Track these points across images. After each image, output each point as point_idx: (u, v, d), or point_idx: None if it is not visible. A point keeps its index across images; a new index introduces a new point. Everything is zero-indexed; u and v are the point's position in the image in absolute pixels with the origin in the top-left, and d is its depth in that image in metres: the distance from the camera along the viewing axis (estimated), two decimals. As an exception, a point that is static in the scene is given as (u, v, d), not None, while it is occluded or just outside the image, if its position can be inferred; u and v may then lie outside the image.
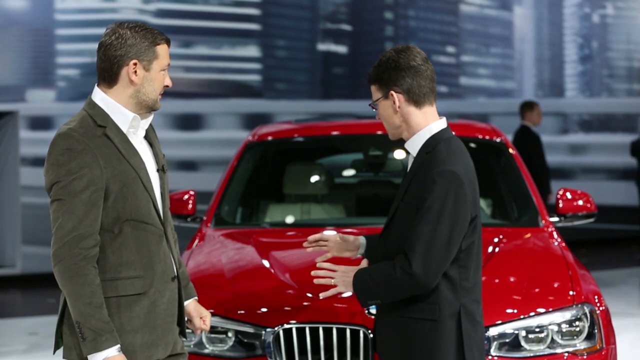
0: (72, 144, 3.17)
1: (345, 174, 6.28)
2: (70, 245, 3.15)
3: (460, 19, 14.33)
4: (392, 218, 3.34)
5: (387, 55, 3.33)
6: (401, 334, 3.29)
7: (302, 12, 13.69)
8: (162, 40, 3.27)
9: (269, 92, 13.30)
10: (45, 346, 7.96)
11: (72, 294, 3.16)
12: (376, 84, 3.33)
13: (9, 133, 11.18)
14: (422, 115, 3.32)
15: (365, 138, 5.80)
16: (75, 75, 11.97)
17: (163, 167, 3.35)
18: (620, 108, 14.97)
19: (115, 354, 3.15)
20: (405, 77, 3.30)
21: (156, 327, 3.27)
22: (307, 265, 4.53)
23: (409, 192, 3.28)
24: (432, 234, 3.18)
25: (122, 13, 12.18)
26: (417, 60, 3.31)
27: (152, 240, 3.27)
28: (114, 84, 3.26)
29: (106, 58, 3.24)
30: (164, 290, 3.29)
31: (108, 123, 3.23)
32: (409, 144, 3.34)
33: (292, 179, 5.61)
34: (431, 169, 3.23)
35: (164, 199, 3.34)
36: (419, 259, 3.17)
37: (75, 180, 3.15)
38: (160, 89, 3.28)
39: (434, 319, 3.25)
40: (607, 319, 4.19)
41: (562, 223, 5.16)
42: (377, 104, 3.35)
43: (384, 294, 3.26)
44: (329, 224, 5.18)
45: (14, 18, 11.61)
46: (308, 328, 3.87)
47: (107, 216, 3.20)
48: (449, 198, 3.20)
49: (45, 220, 7.41)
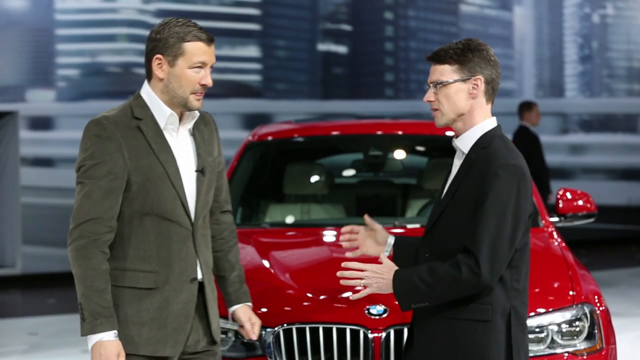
0: (100, 131, 3.21)
1: (345, 174, 6.27)
2: (82, 228, 3.19)
3: (460, 19, 14.33)
4: (439, 217, 3.25)
5: (470, 42, 3.26)
6: (449, 336, 3.20)
7: (302, 12, 13.69)
8: (193, 38, 3.25)
9: (269, 92, 13.30)
10: (45, 346, 7.97)
11: (76, 275, 3.22)
12: (456, 65, 3.23)
13: (9, 133, 11.18)
14: (486, 111, 3.28)
15: (365, 138, 5.79)
16: (75, 75, 11.97)
17: (203, 170, 3.33)
18: (620, 108, 14.96)
19: (110, 338, 3.18)
20: (491, 68, 3.27)
21: (166, 324, 3.28)
22: (308, 265, 4.54)
23: (462, 189, 3.20)
24: (496, 230, 3.11)
25: (122, 13, 12.18)
26: (495, 57, 3.30)
27: (175, 238, 3.27)
28: (150, 78, 3.29)
29: (145, 52, 3.29)
30: (180, 290, 3.29)
31: (146, 117, 3.26)
32: (461, 140, 3.27)
33: (292, 179, 5.61)
34: (492, 163, 3.16)
35: (200, 200, 3.32)
36: (486, 257, 3.10)
37: (97, 166, 3.19)
38: (190, 87, 3.24)
39: (487, 320, 3.18)
40: (607, 319, 4.18)
41: (562, 223, 5.15)
42: (448, 85, 3.24)
43: (439, 296, 3.16)
44: (329, 224, 5.17)
45: (14, 18, 11.61)
46: (308, 328, 3.87)
47: (129, 207, 3.23)
48: (512, 192, 3.14)
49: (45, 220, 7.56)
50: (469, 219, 3.16)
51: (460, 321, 3.19)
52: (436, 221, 3.26)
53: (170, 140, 3.29)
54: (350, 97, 13.71)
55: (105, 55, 12.06)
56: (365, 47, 13.82)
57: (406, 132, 5.60)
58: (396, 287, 3.21)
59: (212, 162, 3.40)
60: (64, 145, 11.90)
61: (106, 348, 3.17)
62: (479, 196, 3.14)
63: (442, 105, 3.25)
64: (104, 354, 3.17)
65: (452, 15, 14.35)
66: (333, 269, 3.41)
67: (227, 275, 3.54)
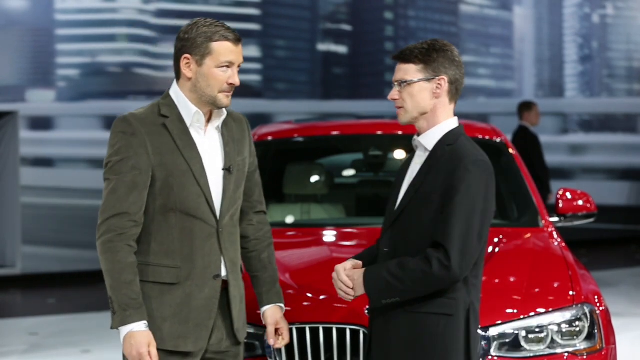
0: (125, 128, 3.26)
1: (345, 174, 6.28)
2: (109, 223, 3.24)
3: (460, 19, 14.33)
4: (402, 212, 3.29)
5: (436, 42, 3.32)
6: (410, 330, 3.25)
7: (302, 12, 13.69)
8: (221, 38, 3.28)
9: (269, 92, 13.30)
10: (45, 346, 7.96)
11: (104, 269, 3.25)
12: (422, 64, 3.29)
13: (9, 133, 11.18)
14: (449, 110, 3.35)
15: (365, 138, 5.80)
16: (75, 75, 11.96)
17: (230, 168, 3.36)
18: (620, 108, 14.96)
19: (140, 329, 3.23)
20: (455, 68, 3.32)
21: (188, 320, 3.31)
22: (307, 265, 4.54)
23: (427, 184, 3.25)
24: (467, 224, 3.17)
25: (122, 13, 12.18)
26: (460, 58, 3.35)
27: (199, 234, 3.31)
28: (178, 77, 3.34)
29: (174, 52, 3.34)
30: (203, 286, 3.32)
31: (172, 114, 3.31)
32: (425, 137, 3.34)
33: (292, 179, 5.61)
34: (462, 158, 3.22)
35: (227, 198, 3.35)
36: (457, 251, 3.15)
37: (122, 162, 3.25)
38: (218, 86, 3.29)
39: (451, 314, 3.24)
40: (607, 319, 4.19)
41: (562, 223, 5.15)
42: (412, 83, 3.31)
43: (410, 290, 3.20)
44: (329, 224, 5.18)
45: (14, 18, 11.60)
46: (308, 328, 3.87)
47: (154, 202, 3.28)
48: (482, 187, 3.20)
49: (45, 220, 7.54)
50: (436, 213, 3.21)
51: (423, 315, 3.24)
52: (399, 216, 3.30)
53: (196, 138, 3.34)
54: (350, 97, 13.71)
55: (105, 55, 12.05)
56: (365, 47, 13.81)
57: (406, 132, 5.59)
58: (367, 283, 3.26)
59: (241, 161, 3.44)
60: (64, 145, 11.90)
61: (137, 338, 3.21)
62: (448, 190, 3.20)
63: (406, 104, 3.32)
64: (135, 344, 3.21)
65: (452, 15, 14.35)
66: (333, 269, 3.42)
67: (260, 275, 3.57)
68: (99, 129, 11.69)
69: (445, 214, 3.18)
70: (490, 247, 4.61)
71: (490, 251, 4.54)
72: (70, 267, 11.28)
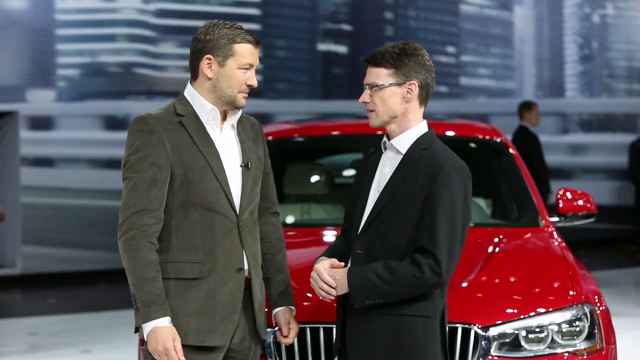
0: (143, 127, 3.31)
1: (345, 174, 6.28)
2: (130, 220, 3.27)
3: (460, 19, 14.33)
4: (377, 215, 3.32)
5: (407, 46, 3.36)
6: (389, 332, 3.29)
7: (302, 12, 13.69)
8: (243, 40, 3.35)
9: (269, 92, 13.30)
10: (45, 346, 7.96)
11: (127, 267, 3.27)
12: (392, 69, 3.34)
13: (9, 133, 11.18)
14: (419, 114, 3.39)
15: (365, 138, 5.79)
16: (75, 75, 11.96)
17: (248, 164, 3.40)
18: (620, 108, 14.96)
19: (164, 324, 3.24)
20: (426, 72, 3.35)
21: (214, 314, 3.33)
22: (307, 265, 4.53)
23: (405, 188, 3.29)
24: (451, 230, 3.22)
25: (122, 13, 12.18)
26: (431, 62, 3.38)
27: (219, 229, 3.34)
28: (196, 77, 3.40)
29: (191, 52, 3.40)
30: (226, 280, 3.34)
31: (188, 113, 3.36)
32: (398, 140, 3.39)
33: (292, 179, 5.61)
34: (443, 164, 3.26)
35: (245, 193, 3.39)
36: (445, 257, 3.20)
37: (140, 160, 3.28)
38: (238, 86, 3.36)
39: (429, 316, 3.29)
40: (607, 319, 4.19)
41: (562, 223, 5.16)
42: (383, 88, 3.35)
43: (396, 293, 3.24)
44: (329, 224, 5.17)
45: (14, 18, 11.61)
46: (308, 328, 3.87)
47: (174, 199, 3.31)
48: (462, 193, 3.25)
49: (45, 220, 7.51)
50: (415, 216, 3.25)
51: (402, 317, 3.28)
52: (374, 219, 3.33)
53: (212, 135, 3.39)
54: (350, 97, 13.70)
55: (105, 55, 12.05)
56: (365, 47, 13.81)
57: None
58: (351, 283, 3.28)
59: (258, 160, 3.48)
60: (64, 145, 11.90)
61: (161, 334, 3.23)
62: (430, 195, 3.24)
63: (377, 107, 3.37)
64: (160, 340, 3.22)
65: (452, 15, 14.35)
66: (333, 269, 3.41)
67: (273, 277, 3.60)
68: (99, 129, 11.68)
69: (430, 220, 3.23)
70: (490, 247, 4.61)
71: (490, 251, 4.54)
72: (70, 267, 11.28)
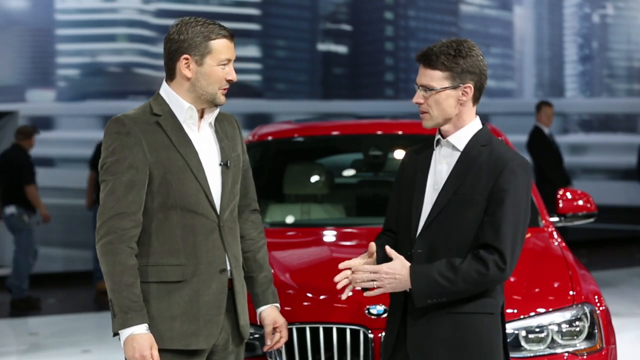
0: (119, 128, 3.25)
1: (345, 174, 6.28)
2: (108, 224, 3.22)
3: (460, 19, 14.34)
4: (439, 213, 3.25)
5: (462, 46, 3.25)
6: (455, 330, 3.23)
7: (302, 12, 13.69)
8: (218, 35, 3.31)
9: (269, 92, 13.31)
10: (45, 346, 7.97)
11: (105, 272, 3.23)
12: (448, 72, 3.24)
13: (9, 133, 11.18)
14: (473, 111, 3.32)
15: (365, 138, 5.80)
16: (75, 75, 11.97)
17: (227, 163, 3.36)
18: (620, 108, 14.97)
19: (141, 332, 3.20)
20: (480, 74, 3.29)
21: (198, 317, 3.28)
22: (307, 265, 4.54)
23: (468, 185, 3.23)
24: (515, 226, 3.19)
25: (122, 13, 12.18)
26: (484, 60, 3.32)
27: (201, 230, 3.29)
28: (173, 77, 3.33)
29: (165, 53, 3.33)
30: (209, 282, 3.30)
31: (165, 112, 3.31)
32: (456, 137, 3.29)
33: (292, 179, 5.61)
34: (507, 161, 3.22)
35: (226, 193, 3.35)
36: (510, 253, 3.17)
37: (117, 162, 3.23)
38: (218, 83, 3.31)
39: (492, 312, 3.26)
40: (607, 319, 4.19)
41: (562, 223, 5.16)
42: (438, 91, 3.26)
43: (460, 291, 3.18)
44: (329, 224, 5.17)
45: (14, 18, 11.61)
46: (308, 328, 3.87)
47: (153, 201, 3.26)
48: (526, 189, 3.23)
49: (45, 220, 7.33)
50: (479, 213, 3.20)
51: (466, 315, 3.23)
52: (436, 217, 3.26)
53: (190, 134, 3.33)
54: (350, 97, 13.72)
55: (105, 55, 12.06)
56: (365, 47, 13.82)
57: (406, 132, 5.59)
58: (415, 283, 3.20)
59: (236, 157, 3.43)
60: (64, 145, 11.91)
61: (138, 341, 3.18)
62: (495, 191, 3.19)
63: (432, 110, 3.29)
64: (137, 347, 3.18)
65: (452, 15, 14.36)
66: (333, 269, 3.41)
67: (255, 276, 3.54)
68: (99, 129, 11.68)
69: (495, 216, 3.18)
70: (491, 247, 4.61)
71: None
72: (70, 267, 11.28)
